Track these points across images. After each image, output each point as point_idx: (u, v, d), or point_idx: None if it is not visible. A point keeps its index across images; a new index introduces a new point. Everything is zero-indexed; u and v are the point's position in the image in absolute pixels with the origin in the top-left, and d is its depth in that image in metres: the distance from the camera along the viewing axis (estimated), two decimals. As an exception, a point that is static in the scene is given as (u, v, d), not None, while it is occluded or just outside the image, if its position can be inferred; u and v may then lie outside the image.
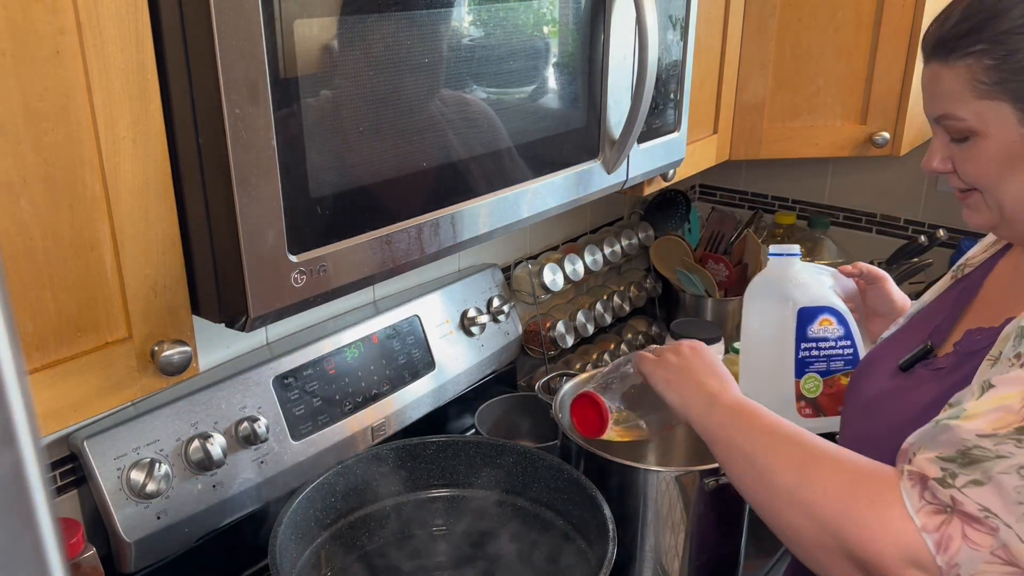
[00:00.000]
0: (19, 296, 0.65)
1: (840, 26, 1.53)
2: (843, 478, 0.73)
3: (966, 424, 0.68)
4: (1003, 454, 0.66)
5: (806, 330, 1.16)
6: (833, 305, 1.16)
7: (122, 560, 1.02)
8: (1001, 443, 0.66)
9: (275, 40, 0.68)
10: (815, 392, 1.18)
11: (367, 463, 1.13)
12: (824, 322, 1.15)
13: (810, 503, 0.74)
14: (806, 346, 1.17)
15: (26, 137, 0.62)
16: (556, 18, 0.97)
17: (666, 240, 1.87)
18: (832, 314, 1.15)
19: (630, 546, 1.13)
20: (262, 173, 0.70)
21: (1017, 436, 0.66)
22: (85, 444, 0.98)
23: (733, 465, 0.84)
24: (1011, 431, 0.66)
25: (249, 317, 0.73)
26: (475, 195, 0.92)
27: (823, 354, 1.17)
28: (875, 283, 1.17)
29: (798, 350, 1.17)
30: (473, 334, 1.46)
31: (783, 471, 0.77)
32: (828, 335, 1.16)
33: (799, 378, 1.18)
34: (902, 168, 1.91)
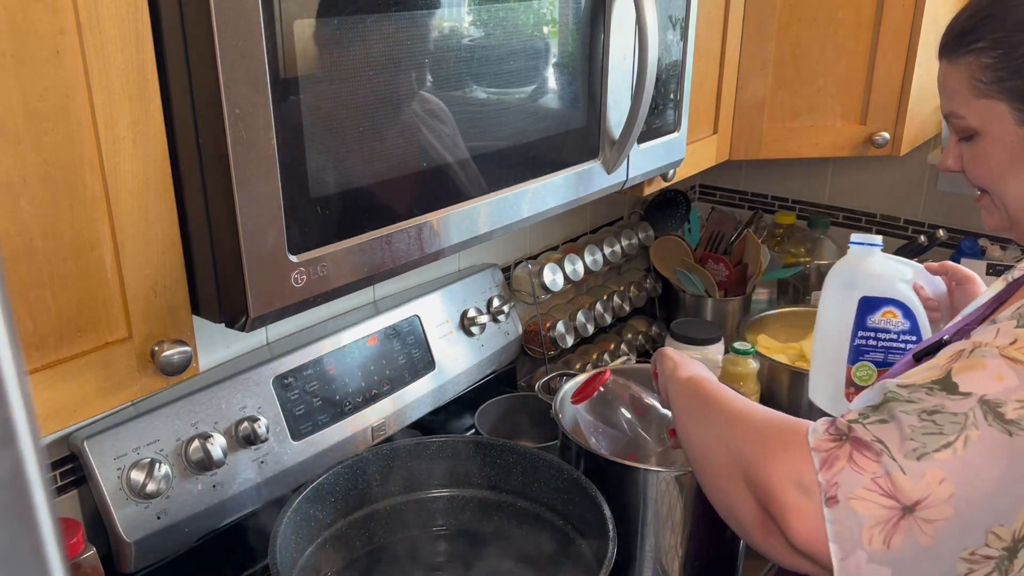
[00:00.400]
0: (19, 296, 0.65)
1: (840, 26, 1.53)
2: (767, 418, 0.75)
3: (897, 380, 0.69)
4: (912, 399, 0.66)
5: (866, 319, 1.17)
6: (902, 299, 1.15)
7: (122, 560, 1.02)
8: (915, 391, 0.66)
9: (275, 40, 0.68)
10: (866, 381, 1.18)
11: (367, 463, 1.13)
12: (888, 314, 1.15)
13: (729, 437, 0.77)
14: (863, 334, 1.17)
15: (26, 137, 0.62)
16: (556, 18, 0.97)
17: (666, 240, 1.87)
18: (898, 307, 1.15)
19: (630, 546, 1.13)
20: (262, 173, 0.70)
21: (931, 386, 0.66)
22: (85, 444, 0.98)
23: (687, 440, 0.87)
24: (928, 382, 0.67)
25: (249, 317, 0.73)
26: (475, 195, 0.92)
27: (881, 345, 1.17)
28: (962, 284, 1.16)
29: (854, 337, 1.18)
30: (473, 334, 1.46)
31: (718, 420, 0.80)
32: (890, 327, 1.16)
33: (851, 364, 1.19)
34: (902, 168, 1.91)
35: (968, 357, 0.66)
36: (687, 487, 1.10)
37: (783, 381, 1.56)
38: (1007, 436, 0.63)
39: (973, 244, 1.83)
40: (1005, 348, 0.66)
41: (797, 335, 1.73)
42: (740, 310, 1.83)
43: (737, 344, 1.51)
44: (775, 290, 1.94)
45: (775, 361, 1.57)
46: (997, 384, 0.64)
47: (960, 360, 0.67)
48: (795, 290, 1.94)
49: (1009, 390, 0.64)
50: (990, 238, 1.84)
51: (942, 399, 0.65)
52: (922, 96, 1.61)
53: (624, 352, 1.78)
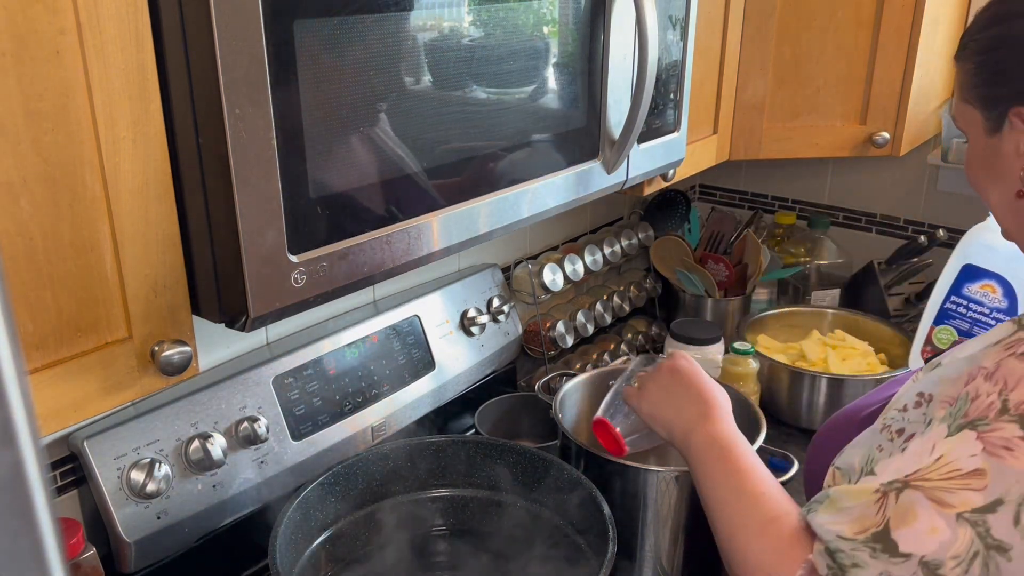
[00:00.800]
0: (19, 296, 0.65)
1: (840, 26, 1.53)
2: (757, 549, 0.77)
3: (832, 519, 0.69)
4: (858, 562, 0.66)
5: (962, 286, 1.17)
6: (1007, 277, 1.15)
7: (122, 560, 1.02)
8: (857, 549, 0.66)
9: (275, 40, 0.68)
10: (944, 344, 1.18)
11: (367, 463, 1.13)
12: (986, 287, 1.15)
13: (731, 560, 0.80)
14: (955, 300, 1.18)
15: (26, 137, 0.62)
16: (556, 18, 0.97)
17: (666, 240, 1.87)
18: (1001, 284, 1.15)
19: (630, 546, 1.13)
20: (262, 173, 0.70)
21: (872, 545, 0.66)
22: (85, 444, 0.98)
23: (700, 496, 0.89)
24: (867, 536, 0.66)
25: (249, 317, 0.73)
26: (475, 195, 0.92)
27: (969, 314, 1.17)
28: None
29: (946, 300, 1.18)
30: (473, 334, 1.46)
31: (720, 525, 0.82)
32: (985, 301, 1.16)
33: (935, 325, 1.19)
34: (902, 168, 1.91)
35: (898, 502, 0.66)
36: (687, 487, 1.10)
37: (783, 381, 1.56)
38: None
39: (973, 244, 1.83)
40: (931, 484, 0.64)
41: (797, 335, 1.73)
42: (740, 310, 1.83)
43: (737, 344, 1.51)
44: (775, 290, 1.94)
45: (775, 361, 1.57)
46: (933, 540, 0.63)
47: (891, 506, 0.66)
48: (795, 290, 1.95)
49: (944, 545, 0.63)
50: (990, 238, 1.84)
51: (886, 564, 0.65)
52: (922, 96, 1.61)
53: (624, 352, 1.78)
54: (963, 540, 0.62)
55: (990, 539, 0.61)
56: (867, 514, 0.67)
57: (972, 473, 0.63)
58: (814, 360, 1.61)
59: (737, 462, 0.86)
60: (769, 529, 0.77)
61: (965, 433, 0.65)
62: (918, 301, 1.86)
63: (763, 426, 1.17)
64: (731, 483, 0.84)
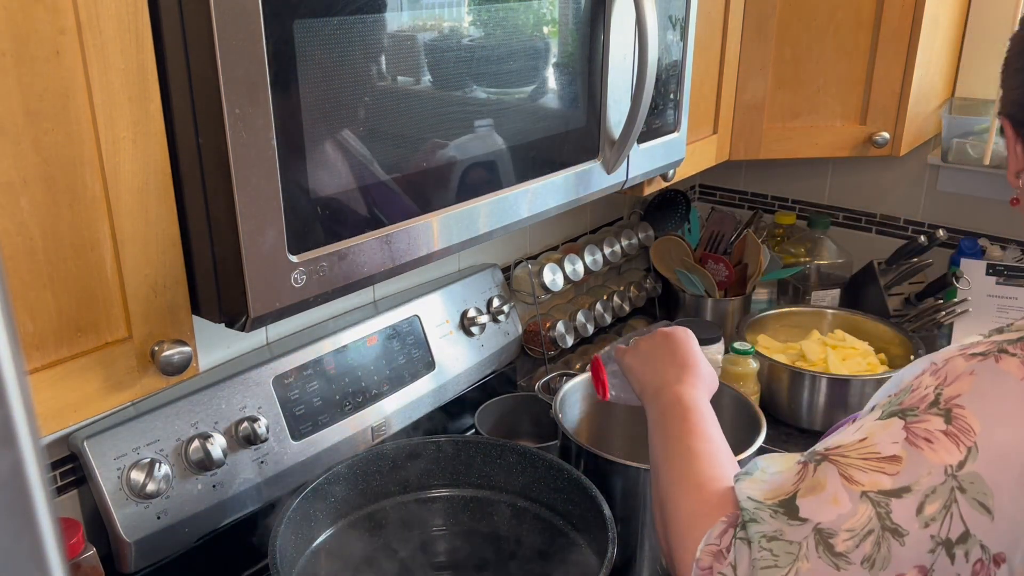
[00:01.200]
0: (19, 296, 0.65)
1: (840, 26, 1.53)
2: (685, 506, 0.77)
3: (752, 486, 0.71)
4: (756, 518, 0.67)
5: None
6: None
7: (122, 560, 1.02)
8: (760, 510, 0.68)
9: (275, 40, 0.68)
10: None
11: (367, 463, 1.13)
12: None
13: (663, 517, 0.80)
14: None
15: (26, 137, 0.62)
16: (556, 18, 0.97)
17: (666, 240, 1.87)
18: None
19: (630, 546, 1.13)
20: (262, 173, 0.70)
21: (775, 508, 0.67)
22: (85, 444, 0.98)
23: (650, 455, 0.89)
24: (775, 502, 0.67)
25: (249, 317, 0.73)
26: (475, 195, 0.92)
27: None
28: None
29: None
30: (473, 334, 1.46)
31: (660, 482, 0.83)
32: None
33: None
34: (902, 168, 1.91)
35: (814, 474, 0.67)
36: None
37: (783, 381, 1.56)
38: (835, 570, 0.63)
39: (973, 244, 1.83)
40: (848, 460, 0.66)
41: (797, 335, 1.73)
42: (740, 310, 1.83)
43: (737, 344, 1.51)
44: (775, 290, 1.94)
45: (775, 361, 1.57)
46: (832, 510, 0.64)
47: (808, 477, 0.67)
48: (795, 290, 1.94)
49: (842, 517, 0.64)
50: (990, 238, 1.84)
51: (781, 524, 0.66)
52: (922, 96, 1.61)
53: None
54: (861, 516, 0.63)
55: (888, 521, 0.62)
56: (785, 483, 0.69)
57: (889, 458, 0.64)
58: (814, 360, 1.61)
59: (693, 425, 0.87)
60: (703, 486, 0.78)
61: (894, 420, 0.66)
62: (918, 301, 1.86)
63: (763, 426, 1.17)
64: (681, 444, 0.85)
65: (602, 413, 1.35)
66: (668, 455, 0.84)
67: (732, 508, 0.73)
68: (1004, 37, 1.79)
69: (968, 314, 1.74)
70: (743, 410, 1.24)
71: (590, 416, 1.34)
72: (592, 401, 1.33)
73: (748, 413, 1.22)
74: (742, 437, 1.18)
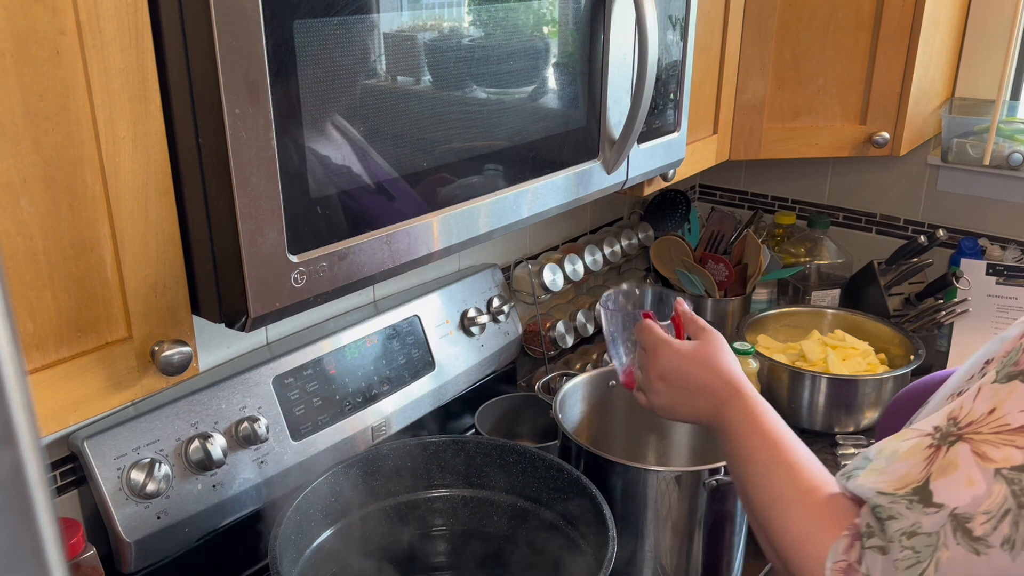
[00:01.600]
0: (19, 296, 0.65)
1: (840, 26, 1.53)
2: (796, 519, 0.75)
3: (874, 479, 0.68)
4: (894, 514, 0.66)
5: None
6: None
7: (122, 560, 1.02)
8: (896, 503, 0.66)
9: (275, 40, 0.68)
10: None
11: (367, 463, 1.13)
12: None
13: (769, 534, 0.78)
14: None
15: (26, 137, 0.62)
16: (556, 18, 0.97)
17: (666, 240, 1.87)
18: None
19: (630, 546, 1.13)
20: (262, 173, 0.70)
21: (910, 498, 0.65)
22: (85, 444, 0.98)
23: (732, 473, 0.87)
24: (908, 490, 0.66)
25: (249, 317, 0.73)
26: (475, 195, 0.92)
27: None
28: None
29: None
30: (473, 334, 1.46)
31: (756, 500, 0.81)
32: None
33: None
34: (902, 168, 1.91)
35: (946, 454, 0.65)
36: (687, 487, 1.10)
37: (783, 381, 1.56)
38: (975, 556, 0.62)
39: (973, 244, 1.83)
40: (981, 436, 0.64)
41: (797, 335, 1.73)
42: (740, 310, 1.83)
43: (737, 344, 1.51)
44: (775, 290, 1.94)
45: (775, 361, 1.57)
46: (967, 492, 0.63)
47: (939, 459, 0.66)
48: (795, 290, 1.95)
49: (978, 500, 0.62)
50: (990, 238, 1.84)
51: (919, 515, 0.64)
52: (922, 96, 1.61)
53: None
54: (997, 496, 0.62)
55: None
56: (913, 470, 0.67)
57: (1018, 429, 0.62)
58: (814, 360, 1.61)
59: (767, 434, 0.84)
60: (807, 499, 0.76)
61: (1015, 384, 0.64)
62: (918, 301, 1.86)
63: (763, 426, 1.16)
64: (763, 456, 0.82)
65: (602, 413, 1.35)
66: (755, 476, 0.82)
67: (850, 516, 0.71)
68: (1004, 37, 1.80)
69: (968, 314, 1.74)
70: (743, 410, 1.24)
71: (590, 416, 1.34)
72: (592, 401, 1.33)
73: (748, 413, 1.22)
74: (742, 437, 1.18)
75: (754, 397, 0.89)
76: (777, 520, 0.76)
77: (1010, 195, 1.79)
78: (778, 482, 0.79)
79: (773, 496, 0.78)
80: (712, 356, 0.94)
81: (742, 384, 0.91)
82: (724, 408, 0.89)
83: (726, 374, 0.92)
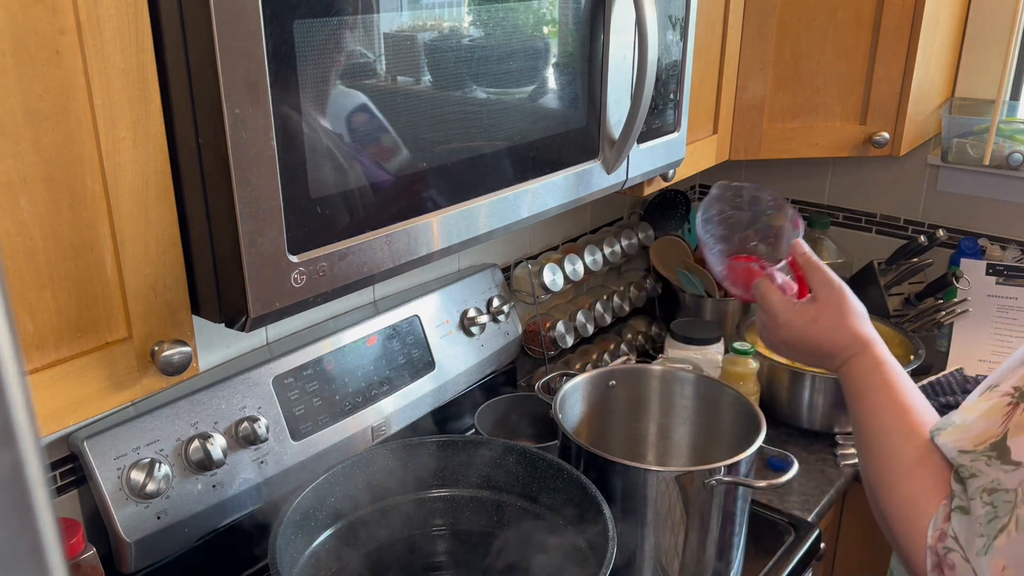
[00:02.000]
0: (19, 296, 0.65)
1: (840, 26, 1.53)
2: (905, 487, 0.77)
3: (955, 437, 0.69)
4: (975, 472, 0.66)
5: None
6: None
7: (122, 560, 1.02)
8: (976, 460, 0.67)
9: (275, 40, 0.68)
10: None
11: (367, 463, 1.13)
12: None
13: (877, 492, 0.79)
14: None
15: (26, 137, 0.62)
16: (556, 18, 0.97)
17: (666, 240, 1.87)
18: None
19: (630, 546, 1.13)
20: (262, 173, 0.70)
21: (988, 453, 0.66)
22: (85, 444, 0.98)
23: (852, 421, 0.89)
24: (986, 446, 0.66)
25: (249, 317, 0.73)
26: (475, 195, 0.92)
27: None
28: None
29: None
30: (473, 334, 1.46)
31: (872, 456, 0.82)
32: None
33: None
34: (902, 168, 1.91)
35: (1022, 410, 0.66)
36: (687, 487, 1.10)
37: (783, 381, 1.56)
38: None
39: (973, 244, 1.83)
40: None
41: (797, 335, 1.72)
42: (740, 310, 1.83)
43: (737, 344, 1.51)
44: (775, 290, 1.94)
45: (775, 361, 1.57)
46: None
47: (1016, 415, 0.66)
48: (795, 290, 1.94)
49: None
50: (990, 238, 1.84)
51: (998, 472, 0.65)
52: (922, 96, 1.61)
53: (624, 352, 1.78)
54: None
55: None
56: (991, 426, 0.68)
57: None
58: (814, 360, 1.61)
59: (886, 396, 0.85)
60: (918, 469, 0.77)
61: None
62: (918, 301, 1.86)
63: (763, 426, 1.17)
64: (882, 419, 0.83)
65: (602, 413, 1.35)
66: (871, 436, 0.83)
67: (946, 485, 0.72)
68: (1004, 37, 1.80)
69: (968, 314, 1.74)
70: (743, 410, 1.24)
71: (590, 416, 1.34)
72: (592, 401, 1.33)
73: (748, 413, 1.22)
74: (742, 437, 1.18)
75: (877, 357, 0.90)
76: (888, 485, 0.78)
77: (1010, 195, 1.79)
78: (892, 447, 0.80)
79: (887, 459, 0.80)
80: (836, 320, 0.93)
81: (867, 342, 0.91)
82: (848, 364, 0.90)
83: (849, 335, 0.92)
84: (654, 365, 1.37)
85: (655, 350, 1.85)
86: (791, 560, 1.27)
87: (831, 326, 0.92)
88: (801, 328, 0.94)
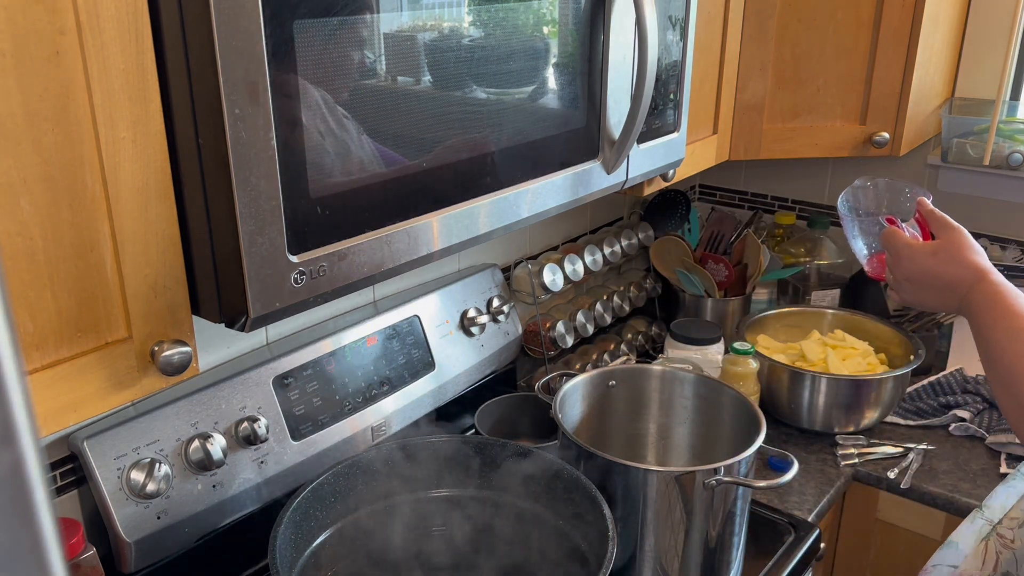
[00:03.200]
0: (19, 296, 0.65)
1: (840, 26, 1.53)
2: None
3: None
4: None
5: None
6: None
7: (122, 560, 1.02)
8: None
9: (275, 40, 0.68)
10: None
11: (367, 463, 1.13)
12: None
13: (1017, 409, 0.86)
14: None
15: (26, 137, 0.62)
16: (556, 18, 0.97)
17: (666, 240, 1.87)
18: None
19: (630, 546, 1.13)
20: (262, 173, 0.70)
21: None
22: (85, 444, 0.98)
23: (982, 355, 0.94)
24: None
25: (249, 317, 0.73)
26: (475, 195, 0.92)
27: None
28: None
29: None
30: (473, 334, 1.46)
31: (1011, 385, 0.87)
32: None
33: None
34: (902, 168, 1.91)
35: None
36: (687, 487, 1.10)
37: (783, 381, 1.56)
38: None
39: (973, 244, 1.83)
40: None
41: (797, 335, 1.73)
42: (740, 310, 1.83)
43: (737, 344, 1.51)
44: (775, 290, 1.94)
45: (775, 361, 1.57)
46: None
47: None
48: (795, 290, 1.95)
49: None
50: (990, 238, 1.84)
51: None
52: (922, 96, 1.61)
53: (624, 352, 1.78)
54: None
55: None
56: None
57: None
58: (814, 360, 1.61)
59: (1010, 316, 0.90)
60: None
61: None
62: (918, 301, 1.85)
63: (763, 426, 1.17)
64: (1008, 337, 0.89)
65: (602, 413, 1.35)
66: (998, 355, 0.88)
67: None
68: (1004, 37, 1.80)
69: (968, 314, 1.74)
70: (743, 410, 1.24)
71: (590, 416, 1.34)
72: (592, 401, 1.33)
73: (748, 413, 1.22)
74: (742, 437, 1.18)
75: (996, 282, 0.96)
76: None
77: (1010, 195, 1.79)
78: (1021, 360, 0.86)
79: (1018, 372, 0.85)
80: (953, 252, 1.02)
81: (985, 271, 0.98)
82: (968, 297, 0.96)
83: (969, 266, 1.00)
84: (654, 365, 1.37)
85: (655, 350, 1.85)
86: (791, 560, 1.27)
87: (949, 258, 1.01)
88: (922, 261, 1.04)
